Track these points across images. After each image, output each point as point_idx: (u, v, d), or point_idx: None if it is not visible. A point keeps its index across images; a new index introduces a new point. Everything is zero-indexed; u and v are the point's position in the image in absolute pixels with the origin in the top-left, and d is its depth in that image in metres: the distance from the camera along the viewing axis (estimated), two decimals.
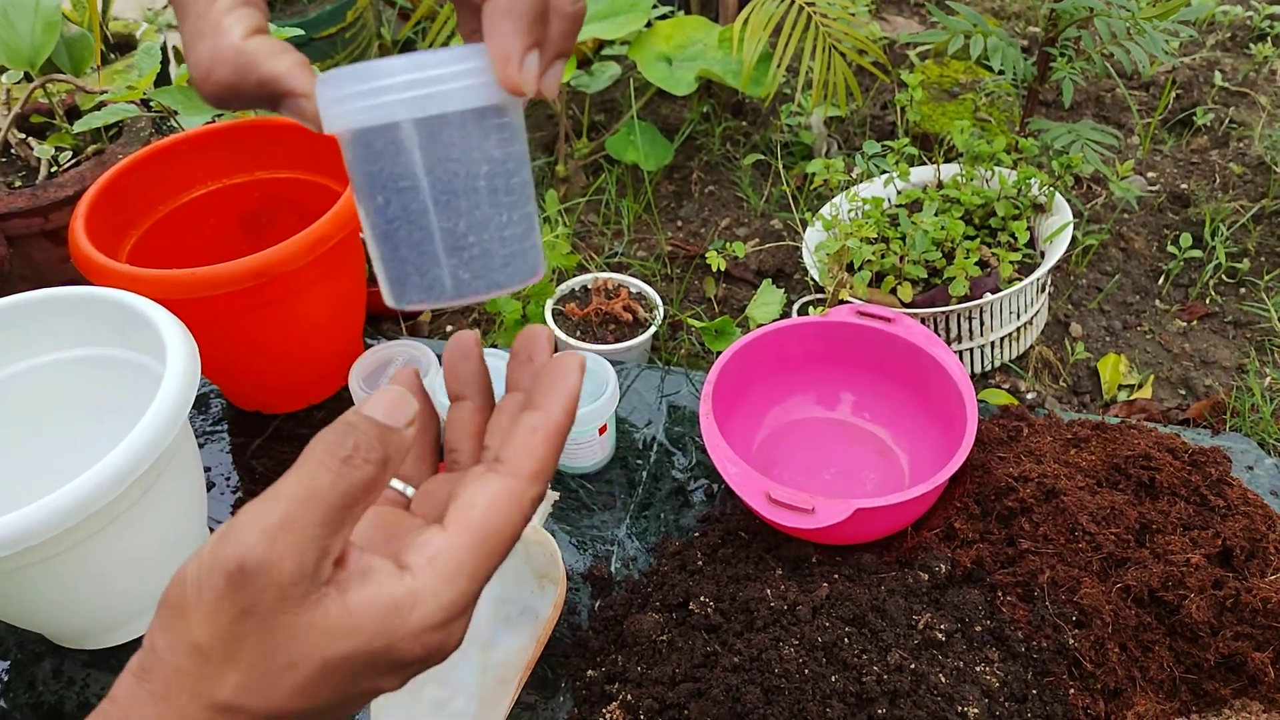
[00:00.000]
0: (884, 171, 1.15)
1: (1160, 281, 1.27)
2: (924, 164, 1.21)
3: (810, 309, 1.13)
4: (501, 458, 0.35)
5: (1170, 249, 1.28)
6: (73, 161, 1.19)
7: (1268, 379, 1.09)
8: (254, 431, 0.99)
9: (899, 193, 1.16)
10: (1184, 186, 1.41)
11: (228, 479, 0.95)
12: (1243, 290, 1.24)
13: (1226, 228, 1.30)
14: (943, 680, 0.65)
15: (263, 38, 0.33)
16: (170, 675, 0.32)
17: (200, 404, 1.03)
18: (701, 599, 0.73)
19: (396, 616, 0.32)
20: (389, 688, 0.34)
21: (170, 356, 0.71)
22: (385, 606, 0.32)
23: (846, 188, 1.16)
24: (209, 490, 0.93)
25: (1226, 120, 1.54)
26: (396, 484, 0.39)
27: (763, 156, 1.36)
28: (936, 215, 1.04)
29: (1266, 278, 1.23)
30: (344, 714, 0.34)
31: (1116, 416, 0.97)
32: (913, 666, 0.65)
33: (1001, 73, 1.20)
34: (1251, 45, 1.74)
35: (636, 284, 1.15)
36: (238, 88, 0.32)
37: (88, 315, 0.80)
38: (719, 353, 0.90)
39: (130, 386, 0.80)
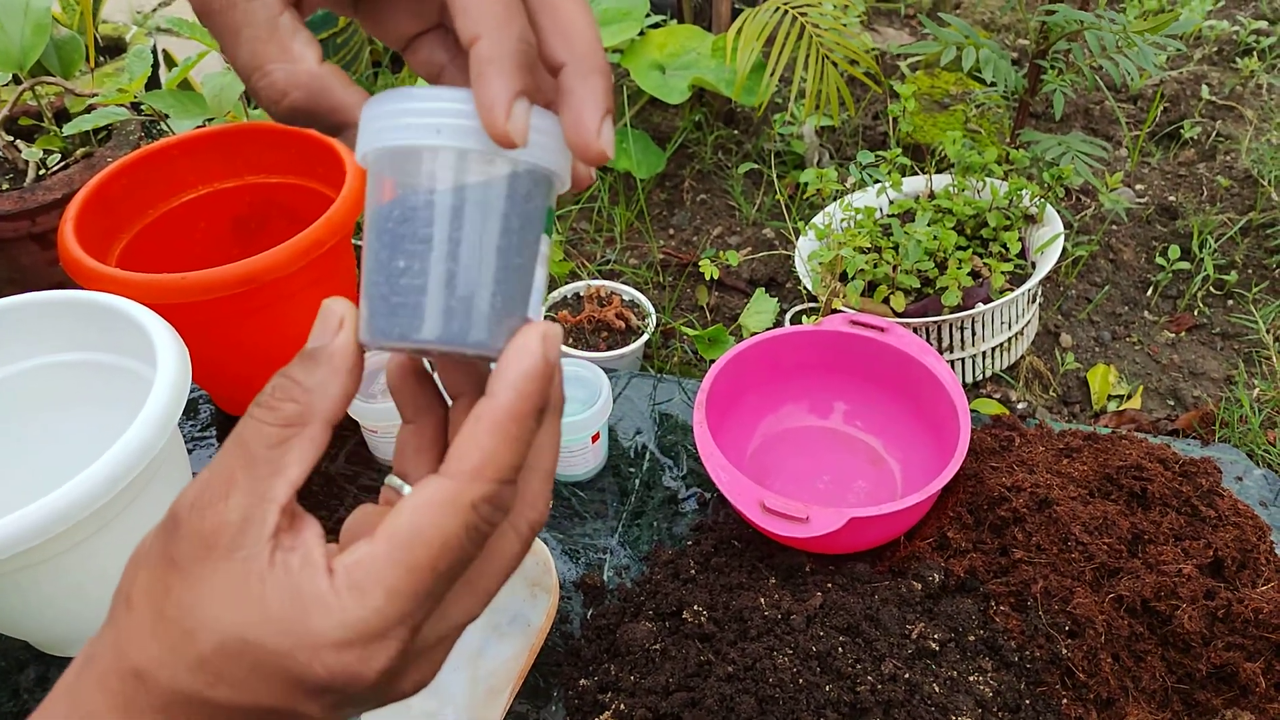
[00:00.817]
0: (877, 181, 1.15)
1: (1149, 293, 1.27)
2: (915, 175, 1.22)
3: (803, 318, 1.13)
4: (446, 455, 0.30)
5: (1159, 260, 1.28)
6: (61, 165, 1.18)
7: (1256, 390, 1.09)
8: None
9: (891, 202, 1.16)
10: (1172, 199, 1.42)
11: None
12: (1230, 302, 1.24)
13: (1214, 240, 1.31)
14: (936, 690, 0.65)
15: (331, 66, 0.33)
16: (106, 637, 0.30)
17: (189, 410, 1.03)
18: (695, 608, 0.72)
19: (300, 617, 0.28)
20: (306, 713, 0.29)
21: (161, 361, 0.70)
22: (293, 601, 0.28)
23: (838, 197, 1.16)
24: None
25: (1213, 133, 1.56)
26: (394, 481, 0.35)
27: (756, 165, 1.37)
28: (929, 225, 1.04)
29: (1255, 289, 1.24)
30: None
31: (1106, 427, 0.97)
32: (906, 676, 0.65)
33: (993, 85, 1.21)
34: (1238, 60, 1.76)
35: (629, 292, 1.15)
36: (311, 111, 0.32)
37: (76, 319, 0.79)
38: (712, 361, 0.90)
39: (120, 391, 0.80)
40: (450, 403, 0.36)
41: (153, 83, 1.37)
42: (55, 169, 1.17)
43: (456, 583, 0.31)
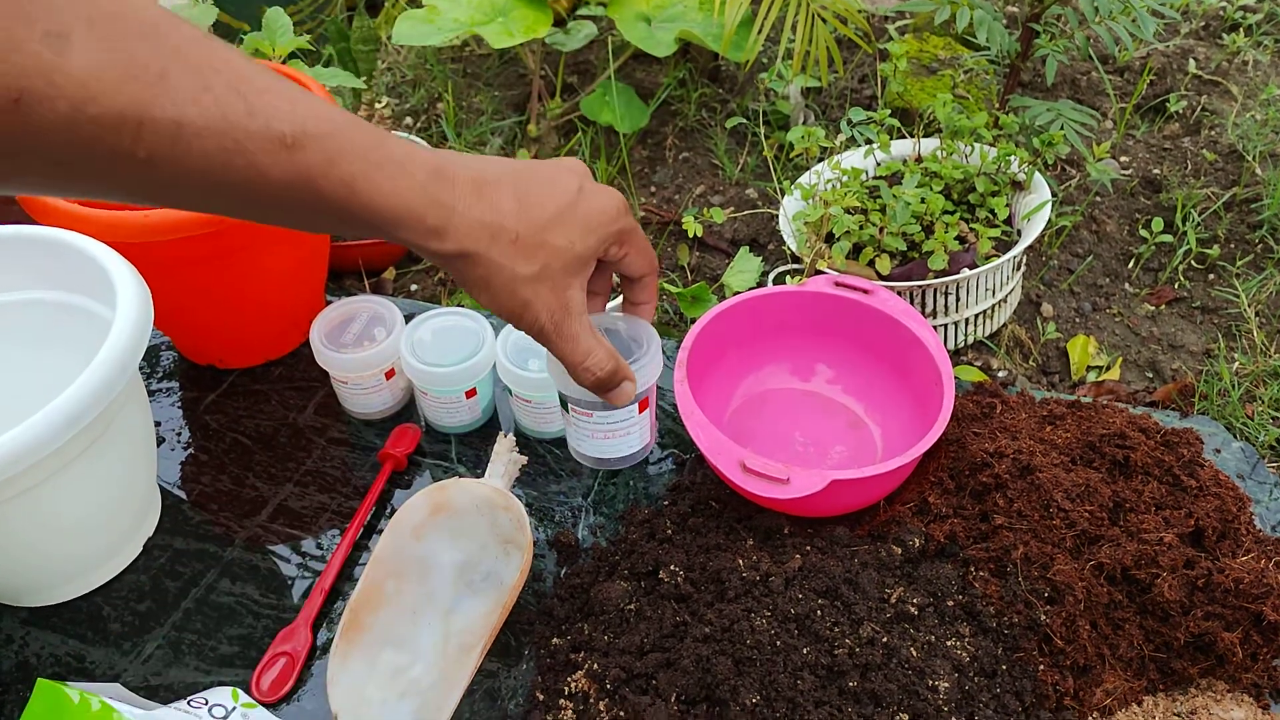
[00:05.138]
0: (868, 140, 1.13)
1: (1130, 265, 1.27)
2: (903, 138, 1.20)
3: (787, 278, 1.11)
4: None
5: (1142, 233, 1.28)
6: None
7: (1236, 364, 1.09)
8: (208, 387, 0.96)
9: (878, 164, 1.14)
10: (1156, 172, 1.41)
11: (179, 435, 0.91)
12: (1211, 276, 1.24)
13: (1198, 213, 1.30)
14: (914, 654, 0.64)
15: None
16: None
17: (151, 357, 0.99)
18: (671, 568, 0.71)
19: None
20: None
21: (121, 301, 0.67)
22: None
23: (824, 157, 1.14)
24: (159, 446, 0.89)
25: (1199, 108, 1.55)
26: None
27: (745, 120, 1.34)
28: (916, 188, 1.03)
29: (1239, 263, 1.24)
30: None
31: (1086, 397, 0.97)
32: (885, 640, 0.64)
33: (984, 49, 1.19)
34: (1224, 35, 1.75)
35: None
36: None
37: (33, 256, 0.76)
38: (693, 319, 0.89)
39: (78, 333, 0.77)
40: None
41: None
42: None
43: None
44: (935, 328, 1.04)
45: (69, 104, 0.34)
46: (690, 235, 1.15)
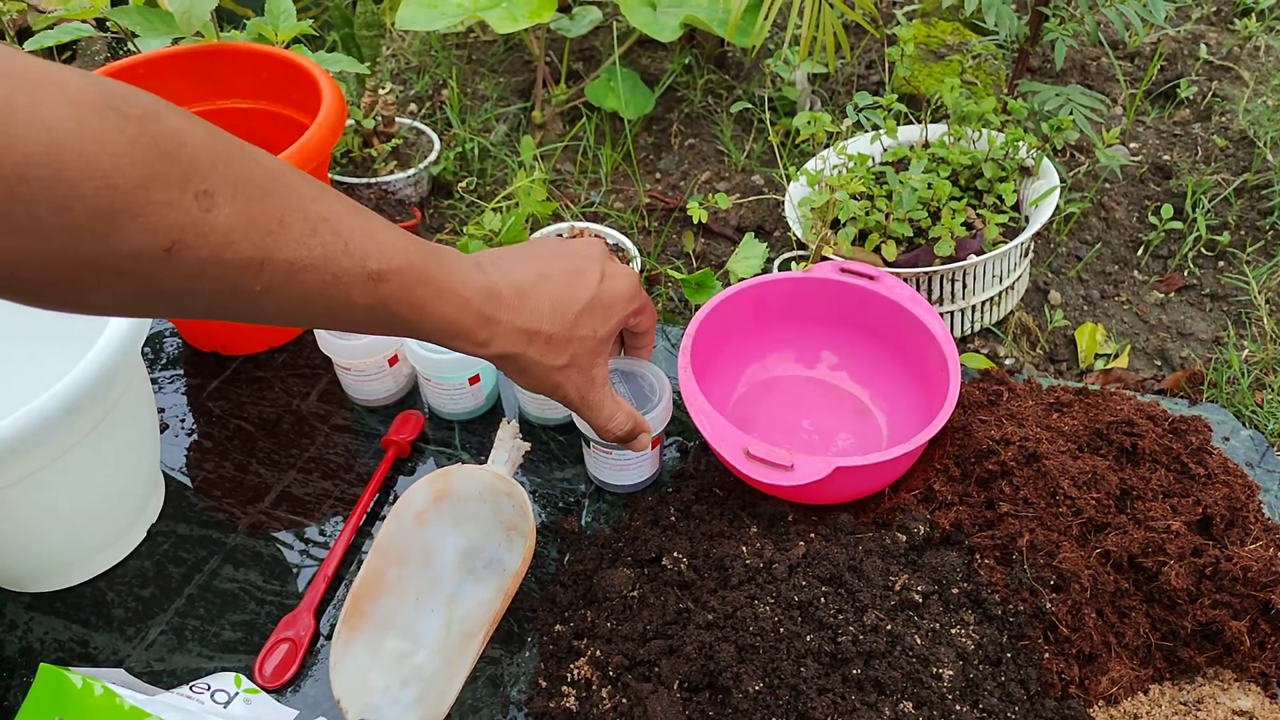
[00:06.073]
0: (875, 126, 1.12)
1: (1140, 252, 1.26)
2: (910, 124, 1.19)
3: (792, 265, 1.11)
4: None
5: (1151, 220, 1.27)
6: None
7: (1245, 351, 1.08)
8: (212, 373, 0.96)
9: (885, 150, 1.13)
10: (1166, 158, 1.40)
11: (183, 421, 0.91)
12: (1221, 263, 1.23)
13: (1208, 200, 1.29)
14: (918, 642, 0.64)
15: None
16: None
17: (155, 344, 0.99)
18: (675, 555, 0.71)
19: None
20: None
21: None
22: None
23: (829, 144, 1.13)
24: (163, 432, 0.89)
25: (1210, 94, 1.53)
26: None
27: (750, 105, 1.33)
28: (923, 174, 1.02)
29: (1249, 250, 1.22)
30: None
31: (1094, 384, 0.96)
32: (889, 627, 0.64)
33: (993, 33, 1.17)
34: (1236, 21, 1.73)
35: (614, 235, 1.12)
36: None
37: None
38: (698, 306, 0.88)
39: (77, 319, 0.76)
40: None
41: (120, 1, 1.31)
42: None
43: None
44: (942, 315, 1.03)
45: (210, 251, 0.41)
46: (695, 222, 1.14)
